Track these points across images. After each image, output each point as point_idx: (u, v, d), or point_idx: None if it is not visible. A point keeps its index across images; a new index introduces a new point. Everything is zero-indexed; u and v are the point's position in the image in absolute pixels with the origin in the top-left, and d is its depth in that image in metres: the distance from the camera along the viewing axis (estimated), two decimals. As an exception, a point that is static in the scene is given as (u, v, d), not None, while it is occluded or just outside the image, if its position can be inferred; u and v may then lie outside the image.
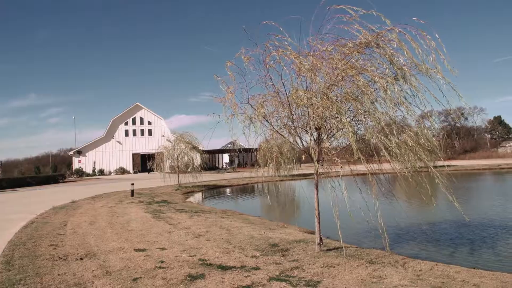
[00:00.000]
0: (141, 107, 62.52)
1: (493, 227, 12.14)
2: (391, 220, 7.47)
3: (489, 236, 10.86)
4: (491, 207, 16.96)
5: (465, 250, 9.59)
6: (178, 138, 30.12)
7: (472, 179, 32.36)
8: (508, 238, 10.64)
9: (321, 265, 6.89)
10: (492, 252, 9.30)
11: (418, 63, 7.19)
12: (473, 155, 65.18)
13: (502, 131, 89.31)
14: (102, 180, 44.88)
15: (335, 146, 8.90)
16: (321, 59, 7.73)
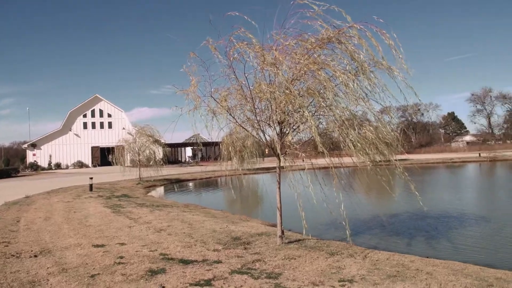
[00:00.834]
0: (100, 99, 60.54)
1: (446, 218, 12.75)
2: (351, 212, 7.68)
3: (443, 227, 11.41)
4: (444, 199, 17.81)
5: (420, 240, 10.02)
6: (139, 131, 29.44)
7: (427, 172, 33.79)
8: (460, 228, 11.21)
9: (282, 257, 6.98)
10: (445, 241, 9.78)
11: (377, 60, 7.38)
12: (428, 149, 67.94)
13: (455, 127, 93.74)
14: (59, 174, 43.22)
15: (297, 140, 9.00)
16: (284, 53, 7.76)
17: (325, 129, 8.37)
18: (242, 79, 8.23)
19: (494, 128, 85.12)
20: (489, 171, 33.27)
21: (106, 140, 57.46)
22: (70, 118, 58.59)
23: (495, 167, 36.65)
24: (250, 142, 13.63)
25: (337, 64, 7.56)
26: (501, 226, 11.52)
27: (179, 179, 32.21)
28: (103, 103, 60.63)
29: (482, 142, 69.32)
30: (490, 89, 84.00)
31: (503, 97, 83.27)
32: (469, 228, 11.27)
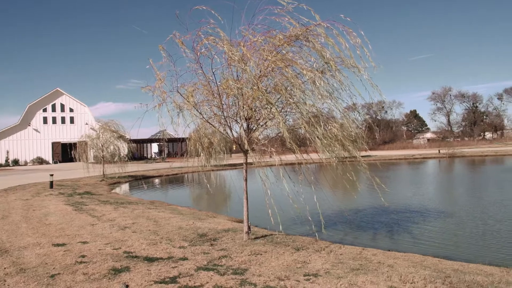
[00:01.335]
0: (62, 92, 58.37)
1: (407, 212, 13.18)
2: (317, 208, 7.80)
3: (404, 221, 11.79)
4: (406, 194, 18.41)
5: (382, 234, 10.32)
6: (103, 126, 28.63)
7: (390, 168, 34.81)
8: (420, 222, 11.62)
9: (248, 253, 7.00)
10: (406, 235, 10.11)
11: (344, 58, 7.51)
12: (391, 145, 70.08)
13: (417, 124, 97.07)
14: (17, 171, 41.43)
15: (265, 136, 9.04)
16: (252, 49, 7.75)
17: (292, 126, 8.44)
18: (210, 75, 8.17)
19: (453, 125, 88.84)
20: (448, 167, 34.67)
21: (67, 136, 55.56)
22: (29, 113, 56.18)
23: (454, 163, 38.25)
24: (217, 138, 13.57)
25: (304, 62, 7.64)
26: (459, 220, 12.04)
27: (145, 176, 31.64)
28: (64, 97, 58.49)
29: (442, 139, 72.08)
30: (450, 88, 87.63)
31: (461, 96, 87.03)
32: (428, 222, 11.70)
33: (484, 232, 10.14)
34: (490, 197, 16.63)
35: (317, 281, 5.40)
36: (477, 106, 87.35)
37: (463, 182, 23.82)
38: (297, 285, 5.24)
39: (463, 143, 65.61)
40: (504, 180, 22.09)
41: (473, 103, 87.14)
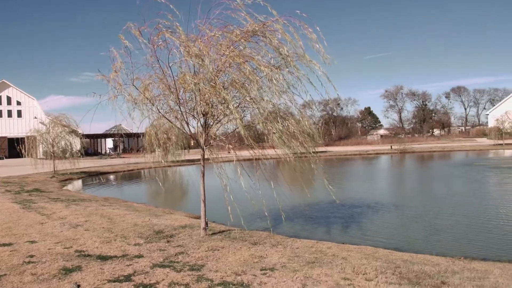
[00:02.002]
0: (8, 84, 55.16)
1: (361, 206, 13.63)
2: (274, 203, 7.90)
3: (358, 214, 12.19)
4: (360, 188, 19.02)
5: (337, 227, 10.61)
6: (53, 120, 27.33)
7: (345, 163, 35.81)
8: (372, 215, 12.06)
9: (205, 249, 6.97)
10: (359, 228, 10.45)
11: (301, 54, 7.60)
12: (347, 141, 72.02)
13: (371, 121, 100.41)
14: (-42, 167, 38.79)
15: (222, 132, 9.00)
16: (209, 44, 7.68)
17: (249, 122, 8.46)
18: (166, 68, 8.01)
19: (404, 122, 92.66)
20: (399, 163, 36.15)
21: (14, 130, 52.60)
22: (-29, 105, 52.72)
23: (404, 158, 39.92)
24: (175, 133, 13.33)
25: (261, 58, 7.66)
26: (409, 213, 12.60)
27: (99, 172, 30.62)
28: (11, 90, 55.33)
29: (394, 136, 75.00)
30: (402, 87, 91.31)
31: (412, 95, 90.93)
32: (381, 215, 12.17)
33: (432, 225, 10.67)
34: (438, 192, 17.53)
35: (273, 275, 5.47)
36: (426, 104, 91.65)
37: (413, 177, 24.94)
38: (253, 279, 5.28)
39: (413, 139, 68.59)
40: (451, 175, 23.34)
41: (423, 101, 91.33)
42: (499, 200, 14.07)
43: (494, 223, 10.31)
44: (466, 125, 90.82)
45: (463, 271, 5.91)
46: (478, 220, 10.76)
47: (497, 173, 22.43)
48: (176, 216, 11.20)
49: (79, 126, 27.61)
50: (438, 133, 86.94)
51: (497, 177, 20.83)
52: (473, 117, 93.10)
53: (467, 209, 12.48)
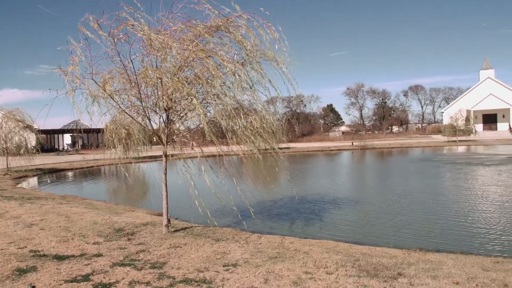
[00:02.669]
0: (-44, 76, 51.97)
1: (323, 201, 13.89)
2: (239, 199, 7.92)
3: (320, 209, 12.41)
4: (322, 184, 19.38)
5: (300, 222, 10.76)
6: (6, 115, 26.01)
7: (308, 159, 36.38)
8: (334, 210, 12.32)
9: (167, 246, 6.88)
10: (321, 222, 10.65)
11: (265, 51, 7.63)
12: (310, 138, 73.09)
13: (333, 118, 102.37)
14: None
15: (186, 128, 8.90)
16: (173, 38, 7.55)
17: (213, 117, 8.41)
18: (128, 62, 7.81)
19: (365, 119, 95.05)
20: (360, 158, 37.12)
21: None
22: None
23: (365, 154, 41.04)
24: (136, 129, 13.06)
25: (225, 53, 7.62)
26: (368, 207, 12.98)
27: (56, 169, 29.49)
28: (-41, 82, 52.15)
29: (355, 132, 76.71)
30: (363, 84, 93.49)
31: (372, 92, 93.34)
32: (342, 210, 12.45)
33: (390, 218, 11.04)
34: (396, 187, 18.15)
35: (236, 270, 5.48)
36: (386, 102, 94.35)
37: (373, 173, 25.70)
38: (216, 275, 5.27)
39: (373, 136, 70.62)
40: (408, 171, 24.23)
41: (383, 99, 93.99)
42: (452, 195, 14.76)
43: (448, 217, 10.80)
44: (422, 123, 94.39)
45: (418, 262, 6.16)
46: (433, 214, 11.23)
47: (450, 168, 23.51)
48: (138, 213, 10.98)
49: (34, 121, 26.45)
50: (397, 130, 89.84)
51: (450, 172, 21.83)
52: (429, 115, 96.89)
53: (423, 204, 13.00)
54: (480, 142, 48.01)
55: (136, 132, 12.18)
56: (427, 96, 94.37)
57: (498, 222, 9.80)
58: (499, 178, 18.09)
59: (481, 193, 14.50)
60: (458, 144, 46.97)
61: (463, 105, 63.21)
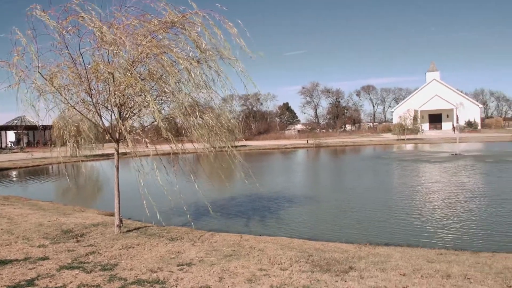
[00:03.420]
0: None
1: (278, 198, 14.05)
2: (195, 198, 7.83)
3: (275, 206, 12.54)
4: (278, 181, 19.60)
5: (255, 220, 10.81)
6: None
7: (264, 157, 36.65)
8: (289, 207, 12.50)
9: (119, 247, 6.68)
10: (276, 219, 10.76)
11: (220, 48, 7.57)
12: (266, 136, 73.72)
13: (289, 116, 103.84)
14: None
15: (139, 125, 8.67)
16: (126, 33, 7.33)
17: (168, 115, 8.26)
18: (77, 56, 7.48)
19: (319, 118, 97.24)
20: (315, 156, 37.92)
21: None
22: None
23: (319, 152, 41.97)
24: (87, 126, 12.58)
25: (180, 50, 7.50)
26: (322, 203, 13.29)
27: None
28: None
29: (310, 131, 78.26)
30: (317, 84, 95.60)
31: (327, 92, 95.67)
32: (296, 206, 12.65)
33: (343, 214, 11.37)
34: (349, 183, 18.71)
35: (190, 270, 5.42)
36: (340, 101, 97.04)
37: (327, 170, 26.34)
38: (170, 275, 5.18)
39: (328, 134, 72.31)
40: (361, 168, 25.05)
41: (336, 98, 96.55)
42: (401, 191, 15.42)
43: (396, 212, 11.26)
44: (374, 122, 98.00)
45: (368, 256, 6.38)
46: (383, 210, 11.67)
47: (399, 166, 24.55)
48: (88, 214, 10.58)
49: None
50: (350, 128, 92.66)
51: (400, 169, 22.80)
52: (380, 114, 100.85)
53: (374, 200, 13.49)
54: (426, 140, 50.50)
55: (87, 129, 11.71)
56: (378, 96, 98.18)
57: (442, 216, 10.35)
58: (443, 175, 19.12)
59: (427, 189, 15.25)
60: (407, 142, 49.15)
61: (411, 105, 66.32)
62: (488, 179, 16.85)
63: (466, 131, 61.29)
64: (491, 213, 10.38)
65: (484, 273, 5.28)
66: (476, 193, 13.76)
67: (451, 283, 4.89)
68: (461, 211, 10.88)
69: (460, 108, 65.21)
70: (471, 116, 67.57)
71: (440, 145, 42.56)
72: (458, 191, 14.24)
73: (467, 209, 11.08)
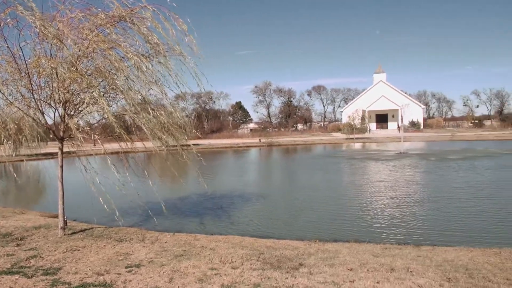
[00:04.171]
0: None
1: (230, 197, 14.05)
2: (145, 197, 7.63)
3: (227, 205, 12.53)
4: (230, 180, 19.60)
5: (207, 219, 10.75)
6: None
7: (217, 156, 36.50)
8: (241, 205, 12.53)
9: (63, 250, 6.39)
10: (228, 218, 10.76)
11: (171, 44, 7.44)
12: (219, 135, 73.45)
13: (242, 115, 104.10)
14: None
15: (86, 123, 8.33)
16: (70, 26, 7.02)
17: (117, 112, 8.00)
18: (16, 50, 7.05)
19: (272, 117, 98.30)
20: (267, 155, 38.29)
21: None
22: None
23: (272, 151, 42.45)
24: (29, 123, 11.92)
25: (129, 45, 7.28)
26: (273, 201, 13.45)
27: None
28: None
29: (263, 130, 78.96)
30: (270, 83, 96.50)
31: (279, 91, 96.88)
32: (248, 205, 12.72)
33: (293, 211, 11.57)
34: (300, 182, 19.08)
35: (139, 271, 5.29)
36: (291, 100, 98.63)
37: (279, 169, 26.69)
38: (118, 278, 5.03)
39: (280, 133, 73.29)
40: (312, 166, 25.60)
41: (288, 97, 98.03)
42: (349, 189, 15.95)
43: (345, 209, 11.65)
44: (324, 121, 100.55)
45: (317, 252, 6.55)
46: (332, 206, 12.03)
47: (348, 164, 25.38)
48: (29, 216, 10.02)
49: None
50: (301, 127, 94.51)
51: (348, 167, 23.56)
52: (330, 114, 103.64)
53: (324, 197, 13.86)
54: (374, 139, 52.58)
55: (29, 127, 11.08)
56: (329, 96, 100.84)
57: (388, 213, 10.83)
58: (390, 173, 19.99)
59: (374, 187, 15.88)
60: (355, 141, 50.89)
61: (359, 105, 68.80)
62: (430, 177, 17.82)
63: (410, 130, 64.49)
64: (433, 210, 11.00)
65: (425, 266, 5.59)
66: (419, 190, 14.52)
67: (394, 276, 5.13)
68: (405, 207, 11.43)
69: (405, 108, 68.49)
70: (414, 116, 71.11)
71: (386, 144, 44.47)
72: (402, 189, 14.94)
73: (411, 206, 11.66)
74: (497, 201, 11.72)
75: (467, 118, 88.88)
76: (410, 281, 4.89)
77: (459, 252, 6.46)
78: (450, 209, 10.91)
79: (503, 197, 12.26)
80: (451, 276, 5.07)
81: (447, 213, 10.40)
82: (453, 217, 9.98)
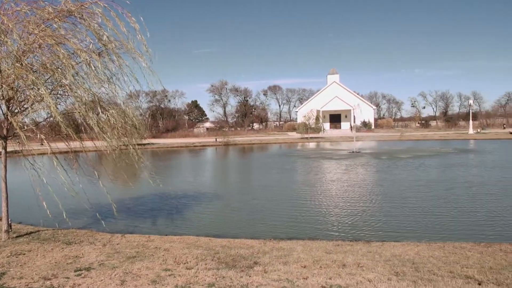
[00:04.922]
0: None
1: (185, 197, 13.92)
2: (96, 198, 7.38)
3: (182, 205, 12.40)
4: (185, 180, 19.41)
5: (161, 219, 10.59)
6: None
7: (172, 156, 35.96)
8: (196, 205, 12.45)
9: (8, 254, 6.08)
10: (183, 218, 10.66)
11: (124, 42, 7.26)
12: (174, 134, 72.29)
13: (198, 114, 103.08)
14: None
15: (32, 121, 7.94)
16: (14, 19, 6.68)
17: (65, 110, 7.69)
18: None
19: (228, 116, 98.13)
20: (223, 154, 38.23)
21: None
22: None
23: (228, 150, 42.43)
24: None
25: (79, 41, 7.03)
26: (229, 200, 13.49)
27: None
28: None
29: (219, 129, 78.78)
30: (226, 82, 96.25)
31: (235, 90, 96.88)
32: (204, 205, 12.67)
33: (249, 211, 11.66)
34: (255, 181, 19.22)
35: (89, 275, 5.14)
36: (248, 100, 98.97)
37: (235, 168, 26.75)
38: (66, 282, 4.86)
39: (236, 133, 73.35)
40: (267, 165, 25.87)
41: (245, 97, 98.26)
42: (304, 187, 16.30)
43: (300, 207, 11.89)
44: (280, 120, 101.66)
45: (272, 250, 6.65)
46: (288, 205, 12.24)
47: (303, 163, 25.90)
48: (-31, 219, 9.41)
49: None
50: (258, 127, 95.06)
51: (303, 166, 24.04)
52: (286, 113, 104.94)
53: (279, 195, 14.07)
54: (328, 139, 53.92)
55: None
56: (284, 96, 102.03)
57: (340, 210, 11.19)
58: (342, 171, 20.61)
59: (328, 186, 16.34)
60: (310, 140, 51.95)
61: (314, 106, 70.28)
62: (381, 176, 18.56)
63: (362, 130, 66.76)
64: (384, 207, 11.48)
65: (375, 261, 5.84)
66: (371, 189, 15.09)
67: (346, 272, 5.32)
68: (357, 205, 11.84)
69: (357, 109, 70.74)
70: (366, 116, 73.64)
71: (340, 143, 45.78)
72: (355, 187, 15.46)
73: (363, 204, 12.11)
74: (443, 198, 12.45)
75: (415, 118, 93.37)
76: (361, 276, 5.10)
77: (406, 247, 6.80)
78: (400, 206, 11.45)
79: (450, 195, 13.04)
80: (399, 270, 5.34)
81: (397, 211, 10.90)
82: (402, 214, 10.49)
